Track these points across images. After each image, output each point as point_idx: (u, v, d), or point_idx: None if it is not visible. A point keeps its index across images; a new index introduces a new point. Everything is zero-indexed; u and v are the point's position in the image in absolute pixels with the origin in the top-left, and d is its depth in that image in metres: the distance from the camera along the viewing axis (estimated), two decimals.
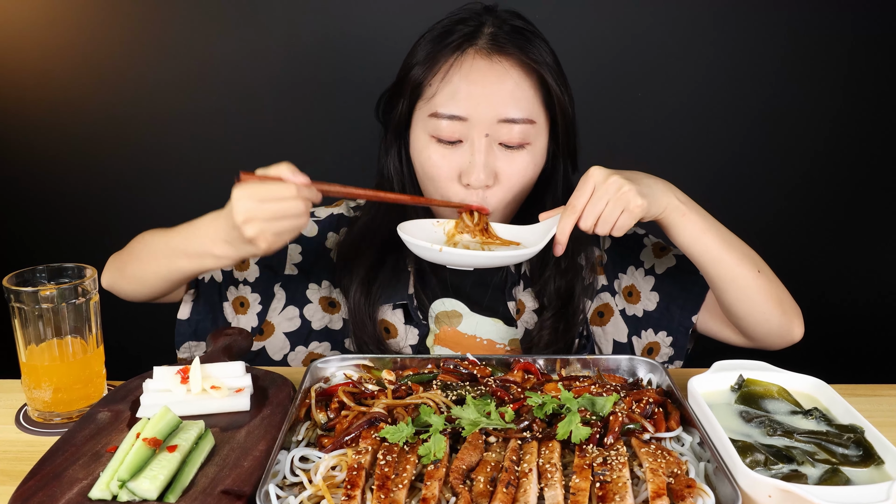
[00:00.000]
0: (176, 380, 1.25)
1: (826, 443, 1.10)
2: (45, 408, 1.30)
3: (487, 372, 1.32)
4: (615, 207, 1.29)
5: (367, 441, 1.09)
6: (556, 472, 1.02)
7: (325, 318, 1.64)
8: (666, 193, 1.36)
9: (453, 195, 1.47)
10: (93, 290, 1.31)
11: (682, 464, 1.05)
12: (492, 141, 1.43)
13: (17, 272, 1.29)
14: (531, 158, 1.47)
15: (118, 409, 1.23)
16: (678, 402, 1.21)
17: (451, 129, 1.43)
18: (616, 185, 1.29)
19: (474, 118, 1.42)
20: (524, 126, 1.43)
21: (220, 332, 1.50)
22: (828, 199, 2.47)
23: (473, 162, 1.43)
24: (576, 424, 1.10)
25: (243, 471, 1.06)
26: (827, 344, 2.48)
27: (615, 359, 1.37)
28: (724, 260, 1.40)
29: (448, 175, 1.46)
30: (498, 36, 1.45)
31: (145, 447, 1.05)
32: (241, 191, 1.24)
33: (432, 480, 1.00)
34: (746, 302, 1.44)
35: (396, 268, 1.60)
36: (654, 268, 1.63)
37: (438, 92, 1.44)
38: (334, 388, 1.25)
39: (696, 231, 1.38)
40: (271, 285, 1.62)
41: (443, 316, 1.62)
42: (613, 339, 1.62)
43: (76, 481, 1.04)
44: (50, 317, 1.26)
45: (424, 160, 1.48)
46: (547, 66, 1.45)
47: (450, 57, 1.44)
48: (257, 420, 1.20)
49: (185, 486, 1.02)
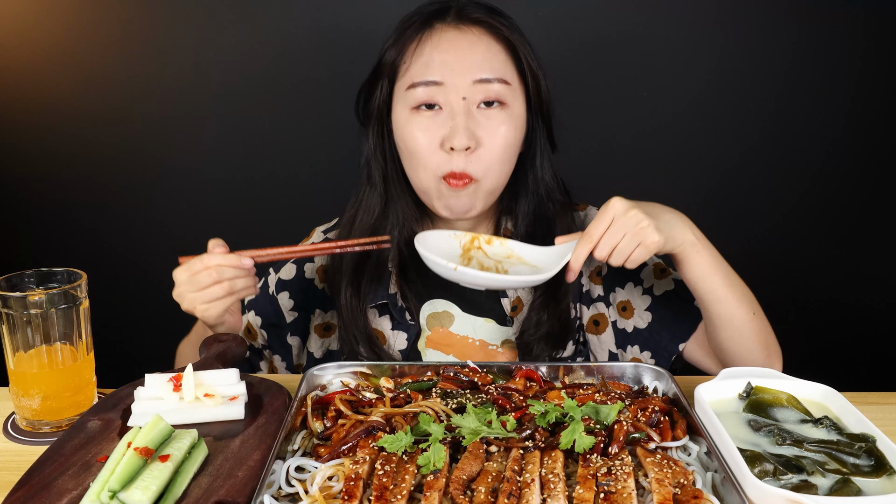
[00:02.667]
0: (168, 387, 1.25)
1: (837, 452, 1.09)
2: (33, 416, 1.30)
3: (489, 379, 1.31)
4: (632, 241, 1.33)
5: (365, 450, 1.07)
6: (559, 482, 1.01)
7: (325, 343, 1.68)
8: (683, 230, 1.39)
9: (436, 166, 1.50)
10: (82, 295, 1.31)
11: (688, 474, 1.05)
12: (469, 104, 1.48)
13: (6, 276, 1.28)
14: (510, 121, 1.51)
15: (109, 418, 1.23)
16: (684, 410, 1.20)
17: (428, 94, 1.49)
18: (635, 220, 1.33)
19: (449, 82, 1.48)
20: (499, 85, 1.49)
21: (214, 339, 1.50)
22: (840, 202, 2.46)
23: (454, 125, 1.48)
24: (579, 433, 1.09)
25: (237, 481, 1.05)
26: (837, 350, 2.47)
27: (620, 366, 1.37)
28: (726, 300, 1.43)
29: (430, 145, 1.50)
30: (465, 9, 1.54)
31: (137, 457, 1.04)
32: (177, 269, 1.42)
33: (432, 491, 0.98)
34: (738, 341, 1.48)
35: (379, 266, 1.63)
36: (652, 288, 1.65)
37: (412, 64, 1.51)
38: (331, 396, 1.24)
39: (706, 269, 1.41)
40: (283, 340, 1.68)
41: (434, 317, 1.63)
42: (609, 349, 1.64)
43: (66, 492, 1.03)
44: (39, 323, 1.26)
45: (407, 135, 1.52)
46: (516, 32, 1.53)
47: (419, 32, 1.52)
48: (252, 429, 1.19)
49: (178, 496, 1.01)
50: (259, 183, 2.42)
